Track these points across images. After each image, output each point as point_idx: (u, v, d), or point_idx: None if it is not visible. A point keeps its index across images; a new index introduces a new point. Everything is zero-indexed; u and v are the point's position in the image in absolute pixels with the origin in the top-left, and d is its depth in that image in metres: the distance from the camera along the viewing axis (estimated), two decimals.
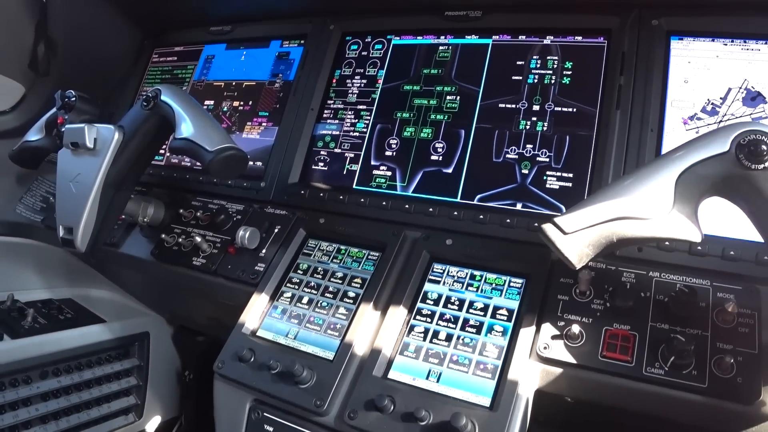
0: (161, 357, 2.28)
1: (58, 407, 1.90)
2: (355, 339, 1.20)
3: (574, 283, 1.15)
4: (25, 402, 1.81)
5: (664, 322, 1.07)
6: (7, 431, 1.76)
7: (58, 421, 1.91)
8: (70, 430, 1.94)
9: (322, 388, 1.15)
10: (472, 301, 1.21)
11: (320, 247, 1.40)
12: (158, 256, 1.58)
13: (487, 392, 1.08)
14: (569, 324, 1.09)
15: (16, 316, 1.87)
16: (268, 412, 1.21)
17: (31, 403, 1.82)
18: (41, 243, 2.01)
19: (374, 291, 1.26)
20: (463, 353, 1.14)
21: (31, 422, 1.82)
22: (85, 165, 1.44)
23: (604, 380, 1.06)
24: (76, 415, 1.97)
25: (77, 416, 1.97)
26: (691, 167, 0.90)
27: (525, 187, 1.31)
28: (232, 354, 1.26)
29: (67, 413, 1.94)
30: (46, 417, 1.87)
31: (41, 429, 1.85)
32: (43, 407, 1.85)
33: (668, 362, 1.02)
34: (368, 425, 1.08)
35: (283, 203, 1.53)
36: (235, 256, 1.45)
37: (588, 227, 0.92)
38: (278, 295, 1.35)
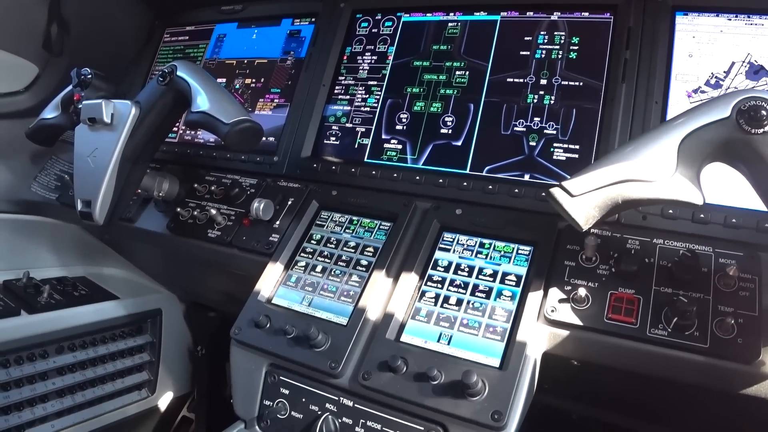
0: (173, 333, 2.32)
1: (74, 382, 1.95)
2: (368, 305, 1.24)
3: (580, 249, 1.19)
4: (42, 376, 1.86)
5: (667, 286, 1.11)
6: (25, 404, 1.81)
7: (73, 395, 1.96)
8: (86, 404, 1.99)
9: (337, 351, 1.19)
10: (481, 267, 1.24)
11: (333, 218, 1.44)
12: (173, 230, 1.61)
13: (497, 353, 1.12)
14: (576, 288, 1.12)
15: (32, 293, 1.92)
16: (284, 375, 1.25)
17: (48, 378, 1.87)
18: (56, 220, 2.05)
19: (386, 259, 1.30)
20: (473, 317, 1.18)
21: (47, 396, 1.87)
22: (103, 140, 1.47)
23: (609, 342, 1.10)
24: (91, 389, 2.02)
25: (92, 391, 2.02)
26: (694, 132, 0.94)
27: (532, 158, 1.35)
28: (248, 320, 1.30)
29: (82, 388, 1.99)
30: (62, 391, 1.92)
31: (58, 402, 1.90)
32: (59, 381, 1.90)
33: (671, 323, 1.05)
34: (382, 385, 1.12)
35: (295, 177, 1.57)
36: (250, 227, 1.49)
37: (594, 190, 0.95)
38: (292, 264, 1.39)
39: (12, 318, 1.78)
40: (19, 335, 1.80)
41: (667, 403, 1.34)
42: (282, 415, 1.22)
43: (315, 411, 1.19)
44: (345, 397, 1.17)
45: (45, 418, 1.88)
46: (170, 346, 2.31)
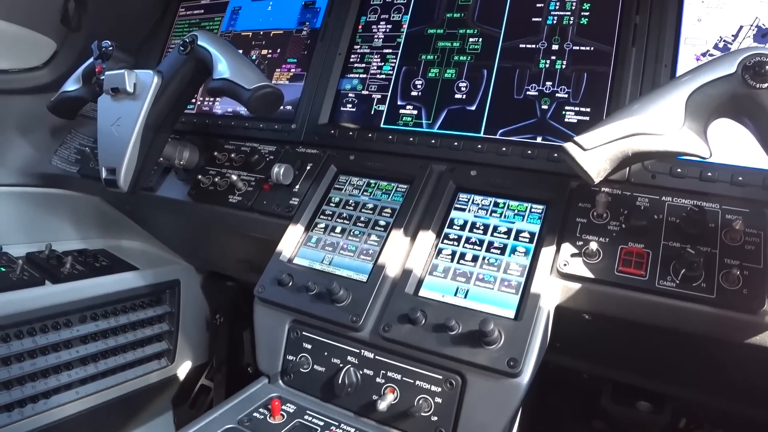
0: (191, 304, 2.37)
1: (97, 350, 2.01)
2: (387, 262, 1.29)
3: (591, 207, 1.23)
4: (66, 344, 1.92)
5: (675, 241, 1.15)
6: (51, 371, 1.87)
7: (96, 363, 2.02)
8: (108, 372, 2.06)
9: (358, 305, 1.24)
10: (496, 225, 1.29)
11: (351, 182, 1.48)
12: (195, 197, 1.66)
13: (512, 306, 1.17)
14: (587, 243, 1.17)
15: (55, 264, 1.97)
16: (307, 331, 1.30)
17: (72, 346, 1.94)
18: (76, 193, 2.10)
19: (404, 219, 1.34)
20: (489, 272, 1.23)
21: (72, 363, 1.93)
22: (126, 109, 1.51)
23: (619, 294, 1.15)
24: (113, 358, 2.08)
25: (114, 359, 2.08)
26: (701, 87, 0.98)
27: (545, 121, 1.39)
28: (271, 279, 1.35)
29: (104, 356, 2.05)
30: (85, 359, 1.98)
31: (81, 370, 1.96)
32: (83, 349, 1.96)
33: (679, 275, 1.10)
34: (402, 336, 1.17)
35: (313, 143, 1.61)
36: (270, 192, 1.54)
37: (606, 143, 1.00)
38: (312, 226, 1.44)
39: (37, 288, 1.84)
40: (44, 304, 1.85)
41: (675, 360, 1.39)
42: (305, 369, 1.27)
43: (337, 364, 1.24)
44: (366, 349, 1.22)
45: (70, 384, 1.95)
46: (188, 316, 2.36)
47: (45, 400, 1.89)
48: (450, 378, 1.13)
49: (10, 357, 1.78)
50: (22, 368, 1.80)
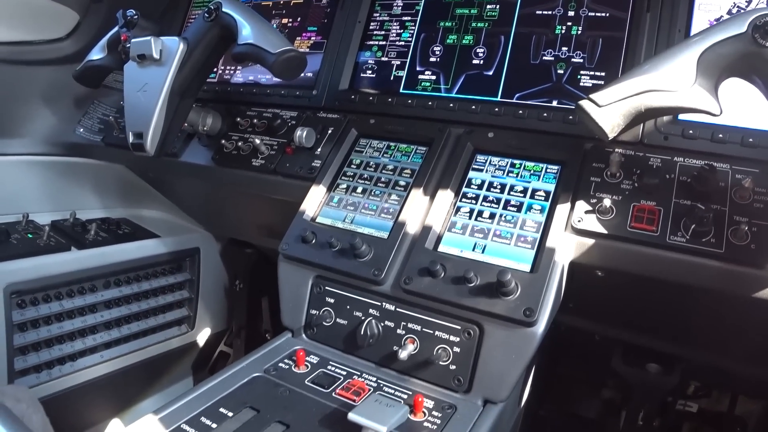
0: (210, 272, 2.44)
1: (120, 315, 2.09)
2: (407, 220, 1.33)
3: (605, 167, 1.27)
4: (92, 309, 1.99)
5: (686, 199, 1.19)
6: (77, 335, 1.93)
7: (120, 328, 2.09)
8: (131, 336, 2.13)
9: (379, 260, 1.29)
10: (512, 185, 1.33)
11: (371, 145, 1.53)
12: (218, 161, 1.71)
13: (528, 260, 1.21)
14: (601, 201, 1.21)
15: (80, 231, 2.04)
16: (329, 286, 1.35)
17: (97, 310, 2.01)
18: (99, 162, 2.14)
19: (423, 179, 1.39)
20: (505, 228, 1.27)
21: (96, 327, 2.00)
22: (152, 75, 1.56)
23: (631, 249, 1.19)
24: (136, 323, 2.15)
25: (136, 324, 2.15)
26: (712, 46, 1.01)
27: (560, 85, 1.42)
28: (295, 236, 1.40)
29: (127, 321, 2.12)
30: (109, 323, 2.06)
31: (106, 334, 2.04)
32: (107, 314, 2.03)
33: (689, 231, 1.14)
34: (422, 288, 1.22)
35: (334, 108, 1.65)
36: (292, 155, 1.58)
37: (620, 100, 1.04)
38: (334, 186, 1.49)
39: (63, 253, 1.90)
40: (70, 269, 1.92)
41: (685, 319, 1.43)
42: (327, 323, 1.33)
43: (359, 316, 1.29)
44: (387, 302, 1.27)
45: (95, 348, 2.02)
46: (208, 284, 2.43)
47: (71, 362, 1.96)
48: (468, 328, 1.18)
49: (39, 320, 1.85)
50: (50, 331, 1.87)
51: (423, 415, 1.09)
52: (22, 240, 1.87)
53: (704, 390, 2.14)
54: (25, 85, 2.08)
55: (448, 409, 1.12)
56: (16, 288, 1.77)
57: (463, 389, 1.17)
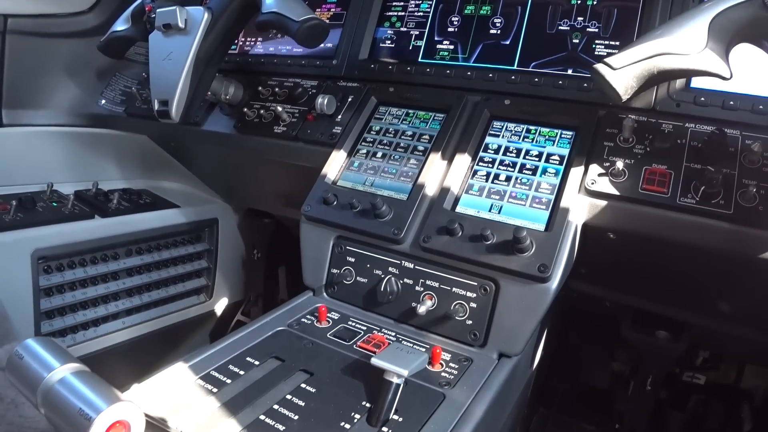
0: (228, 242, 2.50)
1: (141, 282, 2.15)
2: (426, 182, 1.38)
3: (618, 132, 1.31)
4: (114, 276, 2.05)
5: (697, 163, 1.23)
6: (100, 301, 2.00)
7: (141, 296, 2.15)
8: (151, 304, 2.19)
9: (399, 219, 1.34)
10: (528, 149, 1.37)
11: (390, 112, 1.57)
12: (240, 129, 1.76)
13: (542, 220, 1.26)
14: (614, 164, 1.25)
15: (103, 200, 2.10)
16: (350, 245, 1.40)
17: (119, 278, 2.08)
18: (121, 132, 2.19)
19: (441, 144, 1.43)
20: (521, 190, 1.32)
21: (119, 294, 2.07)
22: (177, 44, 1.60)
23: (643, 210, 1.23)
24: (156, 291, 2.22)
25: (157, 292, 2.22)
26: (723, 12, 1.05)
27: (575, 54, 1.46)
28: (317, 198, 1.45)
29: (148, 289, 2.19)
30: (131, 290, 2.12)
31: (128, 301, 2.10)
32: (128, 281, 2.10)
33: (699, 192, 1.18)
34: (440, 246, 1.27)
35: (354, 77, 1.69)
36: (314, 122, 1.63)
37: (633, 63, 1.07)
38: (355, 151, 1.53)
39: (87, 221, 1.96)
40: (94, 236, 1.98)
41: (694, 284, 1.47)
42: (348, 281, 1.38)
43: (378, 274, 1.34)
44: (406, 260, 1.32)
45: (117, 314, 2.09)
46: (226, 254, 2.49)
47: (94, 327, 2.02)
48: (484, 284, 1.23)
49: (64, 285, 1.91)
50: (75, 296, 1.94)
51: (440, 366, 1.14)
52: (47, 208, 1.93)
53: (712, 362, 2.18)
54: (48, 58, 2.13)
55: (464, 361, 1.17)
56: (43, 253, 1.83)
57: (478, 343, 1.22)
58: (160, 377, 1.08)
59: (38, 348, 0.79)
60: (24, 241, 1.79)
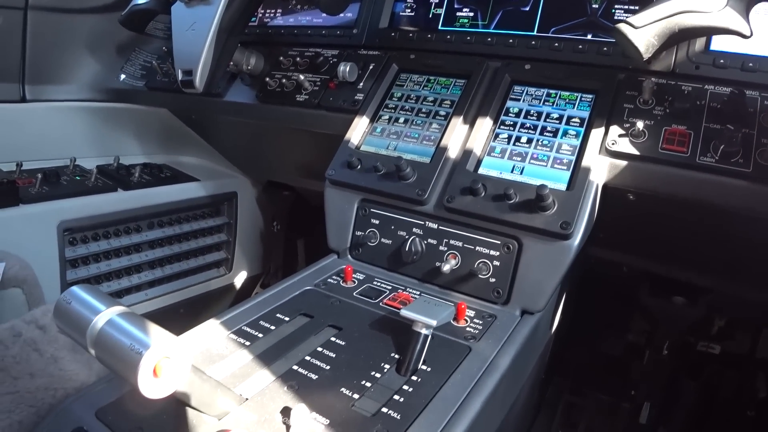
0: (248, 216, 2.54)
1: (163, 255, 2.20)
2: (448, 145, 1.41)
3: (638, 94, 1.33)
4: (137, 248, 2.10)
5: (716, 123, 1.25)
6: (123, 273, 2.04)
7: (163, 268, 2.19)
8: (173, 276, 2.23)
9: (423, 181, 1.37)
10: (548, 112, 1.39)
11: (411, 79, 1.59)
12: (262, 99, 1.78)
13: (564, 180, 1.28)
14: (634, 125, 1.27)
15: (124, 174, 2.14)
16: (374, 208, 1.43)
17: (141, 250, 2.12)
18: (142, 107, 2.22)
19: (463, 108, 1.45)
20: (542, 152, 1.34)
21: (141, 266, 2.11)
22: (200, 14, 1.62)
23: (662, 170, 1.25)
24: (177, 263, 2.26)
25: (178, 265, 2.26)
26: None
27: (595, 19, 1.47)
28: (341, 162, 1.47)
29: (170, 261, 2.23)
30: (153, 263, 2.16)
31: (150, 273, 2.14)
32: (151, 254, 2.14)
33: (719, 151, 1.20)
34: (464, 206, 1.30)
35: (374, 46, 1.71)
36: (336, 90, 1.66)
37: (655, 21, 1.09)
38: (377, 117, 1.56)
39: (110, 193, 2.00)
40: (117, 208, 2.02)
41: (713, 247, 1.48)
42: (372, 243, 1.41)
43: (403, 235, 1.37)
44: (430, 221, 1.35)
45: (140, 286, 2.13)
46: (245, 228, 2.53)
47: (118, 299, 2.04)
48: (507, 243, 1.26)
49: (89, 257, 1.95)
50: (99, 268, 1.98)
51: (465, 322, 1.17)
52: (71, 181, 1.97)
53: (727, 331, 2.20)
54: (69, 34, 2.16)
55: (488, 317, 1.20)
56: (68, 225, 1.87)
57: (502, 301, 1.25)
58: (193, 333, 1.11)
59: (84, 293, 0.82)
60: (50, 213, 1.83)
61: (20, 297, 1.56)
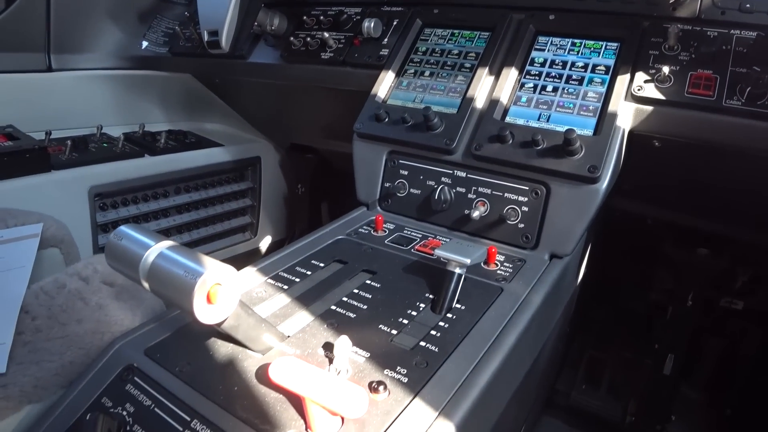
0: (271, 180, 2.57)
1: (190, 219, 2.24)
2: (475, 96, 1.42)
3: (663, 41, 1.33)
4: (164, 213, 2.13)
5: (742, 66, 1.25)
6: None
7: (190, 232, 2.23)
8: (199, 241, 2.27)
9: (450, 130, 1.39)
10: (573, 61, 1.41)
11: (435, 33, 1.61)
12: (286, 58, 1.80)
13: (590, 126, 1.30)
14: (659, 71, 1.28)
15: (150, 140, 2.16)
16: (403, 159, 1.46)
17: (169, 215, 2.16)
18: (165, 73, 2.25)
19: (488, 59, 1.47)
20: (568, 99, 1.35)
21: (169, 231, 2.15)
22: None
23: (688, 114, 1.26)
24: (204, 228, 2.30)
25: (204, 229, 2.30)
26: None
27: None
28: (369, 116, 1.50)
29: (196, 226, 2.27)
30: (180, 227, 2.20)
31: (177, 238, 2.18)
32: (178, 219, 2.18)
33: (745, 94, 1.21)
34: (492, 153, 1.32)
35: (398, 2, 1.72)
36: (360, 46, 1.67)
37: None
38: (403, 72, 1.58)
39: (138, 159, 2.03)
40: (145, 173, 2.05)
41: (738, 194, 1.48)
42: (401, 193, 1.43)
43: (431, 185, 1.40)
44: (458, 169, 1.38)
45: None
46: (269, 193, 2.56)
47: None
48: (536, 188, 1.28)
49: (119, 222, 1.98)
50: None
51: (495, 266, 1.20)
52: (99, 148, 2.00)
53: (751, 285, 2.20)
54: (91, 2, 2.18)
55: (518, 261, 1.23)
56: (99, 190, 1.90)
57: (530, 245, 1.28)
58: None
59: (133, 231, 0.85)
60: (81, 179, 1.86)
61: (58, 257, 1.59)
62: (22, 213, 1.54)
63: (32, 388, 0.97)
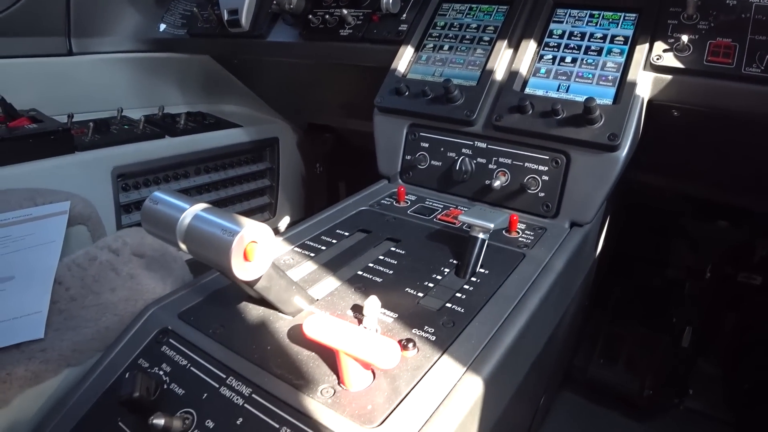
0: (289, 161, 2.60)
1: (210, 200, 2.26)
2: (495, 68, 1.44)
3: (682, 10, 1.34)
4: (185, 193, 2.13)
5: (762, 34, 1.25)
6: None
7: None
8: None
9: (471, 102, 1.40)
10: (592, 32, 1.42)
11: (453, 8, 1.62)
12: (306, 36, 1.82)
13: (609, 95, 1.31)
14: (678, 40, 1.28)
15: (170, 122, 2.19)
16: (423, 131, 1.47)
17: (190, 195, 2.17)
18: (184, 55, 2.28)
19: (506, 32, 1.48)
20: (587, 70, 1.37)
21: None
22: None
23: (707, 83, 1.27)
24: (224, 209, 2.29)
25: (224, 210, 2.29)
26: None
27: None
28: (389, 90, 1.51)
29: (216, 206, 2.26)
30: None
31: None
32: (199, 199, 2.16)
33: (765, 61, 1.21)
34: (512, 123, 1.34)
35: None
36: (379, 22, 1.69)
37: None
38: (422, 47, 1.59)
39: (159, 140, 2.06)
40: (166, 154, 2.08)
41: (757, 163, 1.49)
42: (422, 166, 1.45)
43: (452, 156, 1.42)
44: (479, 140, 1.39)
45: None
46: (287, 173, 2.60)
47: None
48: (556, 157, 1.30)
49: (141, 202, 2.00)
50: None
51: (517, 233, 1.22)
52: (120, 130, 2.04)
53: None
54: None
55: (539, 229, 1.25)
56: (121, 171, 1.94)
57: (551, 214, 1.29)
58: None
59: (167, 196, 0.88)
60: (104, 160, 1.90)
61: (85, 234, 1.62)
62: (50, 192, 1.57)
63: (71, 351, 1.01)
